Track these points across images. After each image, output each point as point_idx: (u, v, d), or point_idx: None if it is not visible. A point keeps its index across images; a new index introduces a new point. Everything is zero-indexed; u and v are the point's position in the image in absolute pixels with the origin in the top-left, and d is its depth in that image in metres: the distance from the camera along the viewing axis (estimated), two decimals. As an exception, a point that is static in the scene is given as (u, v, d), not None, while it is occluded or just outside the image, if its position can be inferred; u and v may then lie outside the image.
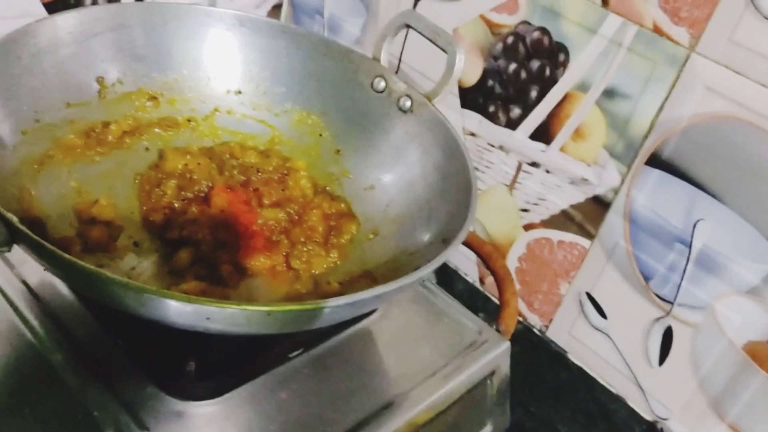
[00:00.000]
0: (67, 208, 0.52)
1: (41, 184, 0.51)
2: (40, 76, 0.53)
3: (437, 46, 0.59)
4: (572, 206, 0.69)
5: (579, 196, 0.69)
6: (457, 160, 0.55)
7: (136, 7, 0.58)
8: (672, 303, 0.64)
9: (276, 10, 0.89)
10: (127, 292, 0.37)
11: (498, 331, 0.58)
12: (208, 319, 0.39)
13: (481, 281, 0.80)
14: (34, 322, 0.49)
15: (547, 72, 0.68)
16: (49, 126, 0.53)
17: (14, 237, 0.38)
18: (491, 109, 0.73)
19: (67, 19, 0.54)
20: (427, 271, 0.45)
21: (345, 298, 0.39)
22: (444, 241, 0.51)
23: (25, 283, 0.52)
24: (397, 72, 0.80)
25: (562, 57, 0.66)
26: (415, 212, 0.58)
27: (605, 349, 0.70)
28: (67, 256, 0.37)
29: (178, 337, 0.44)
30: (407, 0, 0.77)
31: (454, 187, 0.55)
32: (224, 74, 0.63)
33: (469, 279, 0.80)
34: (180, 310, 0.38)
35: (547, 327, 0.74)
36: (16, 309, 0.50)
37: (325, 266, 0.55)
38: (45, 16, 0.54)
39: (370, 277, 0.54)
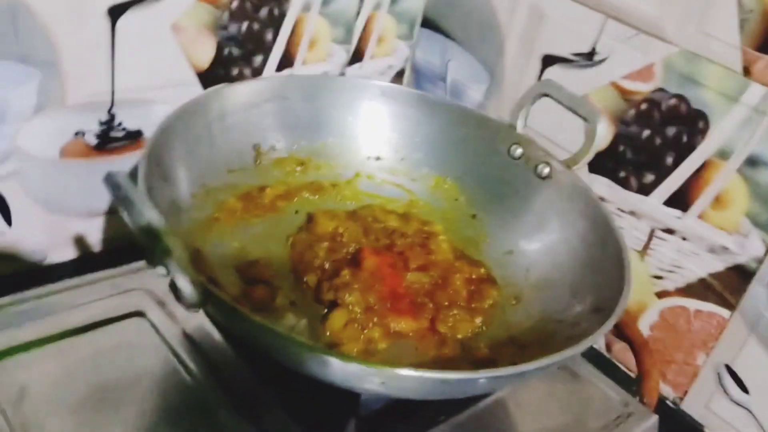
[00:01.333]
0: (230, 268, 0.55)
1: (209, 245, 0.54)
2: (209, 143, 0.57)
3: (578, 115, 0.60)
4: (710, 275, 0.68)
5: (718, 264, 0.67)
6: (603, 229, 0.55)
7: (295, 81, 0.62)
8: (825, 380, 0.61)
9: (399, 77, 0.93)
10: (312, 356, 0.39)
11: (643, 403, 0.57)
12: (383, 383, 0.40)
13: (608, 348, 0.78)
14: (195, 370, 0.51)
15: (685, 138, 0.67)
16: (213, 190, 0.57)
17: (206, 299, 0.41)
18: (622, 174, 0.73)
19: (233, 89, 0.58)
20: (588, 344, 0.45)
21: (521, 367, 0.40)
22: (596, 310, 0.51)
23: (185, 333, 0.54)
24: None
25: (701, 124, 0.66)
26: (557, 279, 0.58)
27: (747, 425, 0.67)
28: (259, 319, 0.39)
29: (339, 397, 0.45)
30: (534, 67, 0.78)
31: (601, 255, 0.55)
32: (366, 141, 0.66)
33: (596, 345, 0.79)
34: (364, 374, 0.39)
35: (681, 399, 0.72)
36: (178, 357, 0.52)
37: (470, 331, 0.55)
38: (217, 86, 0.58)
39: (516, 344, 0.54)
